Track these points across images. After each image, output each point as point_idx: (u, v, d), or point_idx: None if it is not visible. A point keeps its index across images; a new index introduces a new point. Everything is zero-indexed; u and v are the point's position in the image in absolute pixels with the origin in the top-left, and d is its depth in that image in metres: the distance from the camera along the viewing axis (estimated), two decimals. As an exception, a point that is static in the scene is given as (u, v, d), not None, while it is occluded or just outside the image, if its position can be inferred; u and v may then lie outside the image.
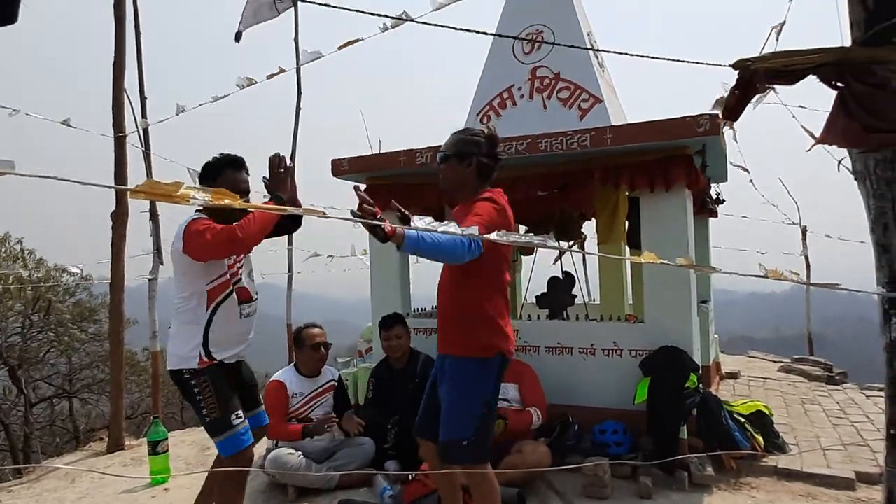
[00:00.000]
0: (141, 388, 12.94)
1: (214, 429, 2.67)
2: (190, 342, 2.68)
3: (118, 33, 5.10)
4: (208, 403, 2.65)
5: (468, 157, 2.55)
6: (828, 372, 6.69)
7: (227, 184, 2.73)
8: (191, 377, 2.67)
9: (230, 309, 2.75)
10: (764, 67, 1.43)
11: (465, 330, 2.54)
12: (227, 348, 2.76)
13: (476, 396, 2.52)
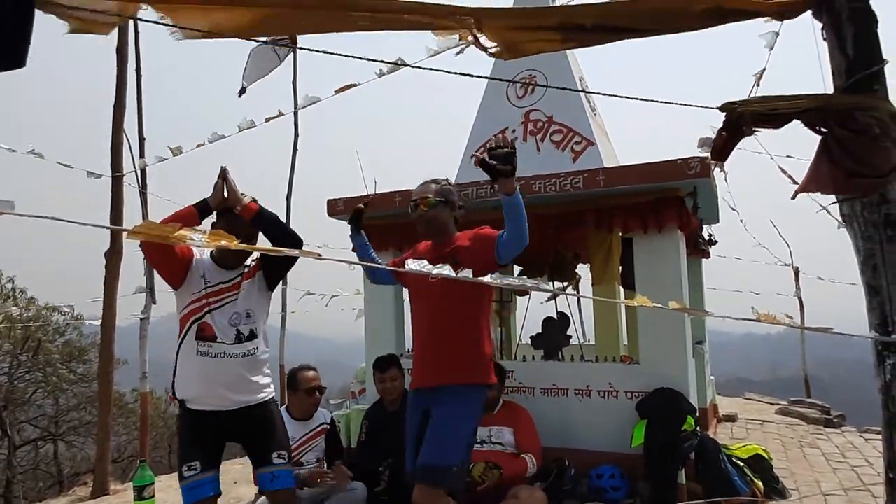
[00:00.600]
0: (128, 430, 12.70)
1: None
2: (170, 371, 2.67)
3: (119, 75, 5.19)
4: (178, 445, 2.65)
5: (451, 204, 2.88)
6: (825, 415, 6.63)
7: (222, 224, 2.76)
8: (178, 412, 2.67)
9: (188, 343, 2.66)
10: (750, 111, 1.47)
11: (473, 359, 2.70)
12: (189, 388, 2.66)
13: (470, 423, 2.65)
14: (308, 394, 3.86)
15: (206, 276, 2.69)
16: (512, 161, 2.39)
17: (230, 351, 2.71)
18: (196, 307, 2.66)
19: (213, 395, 2.67)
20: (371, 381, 4.34)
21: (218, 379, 2.67)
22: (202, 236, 0.92)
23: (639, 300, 1.28)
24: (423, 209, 2.80)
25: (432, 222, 2.83)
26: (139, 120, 5.64)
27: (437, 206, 2.81)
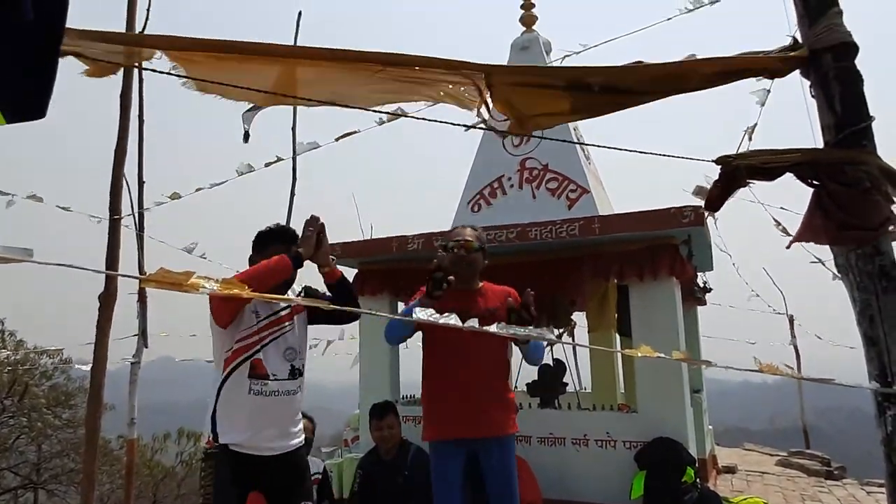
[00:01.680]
0: (112, 478, 12.32)
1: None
2: (207, 418, 2.48)
3: (122, 121, 5.27)
4: (206, 492, 2.48)
5: (485, 253, 2.97)
6: (826, 466, 6.52)
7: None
8: (202, 459, 2.51)
9: (238, 380, 2.46)
10: (746, 164, 1.52)
11: (512, 410, 2.86)
12: (234, 431, 2.43)
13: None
14: None
15: (258, 310, 2.53)
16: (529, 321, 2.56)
17: (284, 388, 2.53)
18: (248, 343, 2.49)
19: (263, 438, 2.46)
20: (365, 429, 4.26)
21: (271, 419, 2.49)
22: (215, 285, 0.92)
23: (642, 350, 1.28)
24: (465, 252, 2.86)
25: (472, 266, 2.90)
26: (139, 164, 5.70)
27: (479, 251, 2.91)
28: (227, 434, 2.42)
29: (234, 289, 0.94)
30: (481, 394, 2.76)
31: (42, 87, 0.95)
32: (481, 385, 2.78)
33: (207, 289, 0.91)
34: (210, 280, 0.91)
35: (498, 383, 2.83)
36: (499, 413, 2.78)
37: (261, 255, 2.57)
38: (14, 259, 0.85)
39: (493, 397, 2.78)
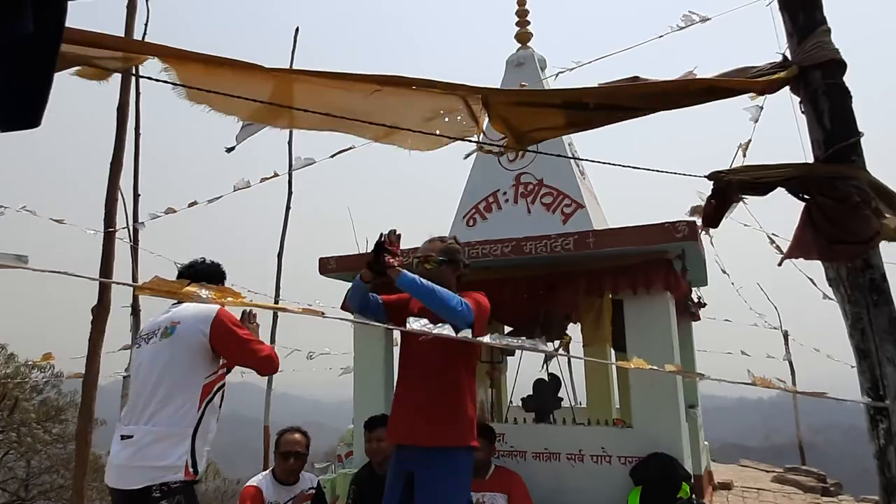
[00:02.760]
0: (102, 494, 12.13)
1: None
2: (175, 450, 2.30)
3: (119, 135, 5.28)
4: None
5: (456, 264, 2.83)
6: (822, 483, 6.50)
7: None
8: (162, 496, 2.24)
9: (213, 408, 2.47)
10: (737, 179, 1.53)
11: (458, 418, 2.61)
12: (204, 455, 2.41)
13: (463, 496, 2.58)
14: (282, 457, 3.74)
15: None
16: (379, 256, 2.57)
17: None
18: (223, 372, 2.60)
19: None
20: (359, 444, 4.23)
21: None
22: (209, 293, 0.92)
23: (635, 362, 1.29)
24: (426, 267, 2.77)
25: (434, 280, 2.70)
26: (135, 176, 5.71)
27: (440, 265, 2.78)
28: (202, 462, 2.39)
29: (227, 296, 0.94)
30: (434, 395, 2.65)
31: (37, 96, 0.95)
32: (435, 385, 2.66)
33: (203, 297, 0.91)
34: (204, 288, 0.92)
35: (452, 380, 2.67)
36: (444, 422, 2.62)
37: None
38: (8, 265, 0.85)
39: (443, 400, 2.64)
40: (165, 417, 2.34)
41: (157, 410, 2.35)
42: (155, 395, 2.37)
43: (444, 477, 2.54)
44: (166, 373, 2.41)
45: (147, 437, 2.32)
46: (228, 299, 0.95)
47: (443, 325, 1.20)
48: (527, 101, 1.69)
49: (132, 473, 2.29)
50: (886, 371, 1.47)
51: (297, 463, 3.78)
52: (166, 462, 2.28)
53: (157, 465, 2.28)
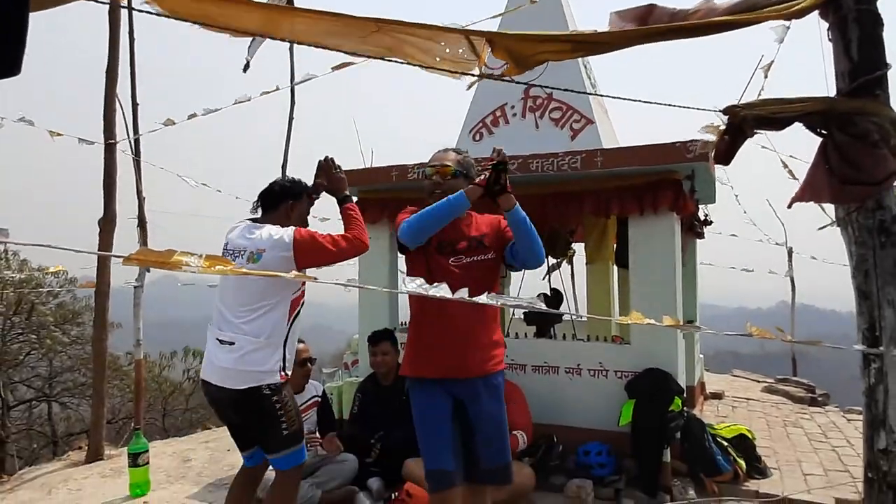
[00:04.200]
0: (123, 392, 12.78)
1: (289, 441, 2.68)
2: (272, 357, 2.64)
3: (112, 40, 5.07)
4: (290, 417, 2.66)
5: (470, 181, 2.61)
6: (810, 393, 6.76)
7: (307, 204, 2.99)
8: (272, 393, 2.61)
9: (301, 319, 2.80)
10: (752, 114, 1.46)
11: (500, 344, 2.64)
12: (291, 361, 2.77)
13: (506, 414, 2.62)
14: (299, 366, 3.89)
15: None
16: (501, 176, 2.37)
17: None
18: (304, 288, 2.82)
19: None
20: (365, 354, 4.38)
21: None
22: (199, 261, 0.91)
23: (633, 317, 1.29)
24: (441, 178, 2.62)
25: (448, 194, 2.56)
26: (132, 85, 5.54)
27: (457, 177, 2.62)
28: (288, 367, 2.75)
29: (218, 265, 0.93)
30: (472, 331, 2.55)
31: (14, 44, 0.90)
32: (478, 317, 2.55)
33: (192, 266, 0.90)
34: (193, 256, 0.90)
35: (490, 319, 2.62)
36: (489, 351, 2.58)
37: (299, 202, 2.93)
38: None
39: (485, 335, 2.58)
40: (262, 329, 2.65)
41: (254, 322, 2.65)
42: (251, 310, 2.66)
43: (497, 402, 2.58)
44: (259, 291, 2.66)
45: (249, 346, 2.63)
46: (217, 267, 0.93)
47: (438, 287, 1.19)
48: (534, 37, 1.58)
49: (238, 376, 2.62)
50: (885, 313, 1.47)
51: (310, 368, 3.96)
52: (266, 367, 2.63)
53: (259, 369, 2.61)
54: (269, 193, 2.92)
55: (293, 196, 2.91)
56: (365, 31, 1.38)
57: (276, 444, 2.68)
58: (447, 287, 1.18)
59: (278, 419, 2.63)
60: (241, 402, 2.63)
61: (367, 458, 3.89)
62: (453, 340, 2.54)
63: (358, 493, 3.69)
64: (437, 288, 1.19)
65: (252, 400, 2.61)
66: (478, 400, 2.53)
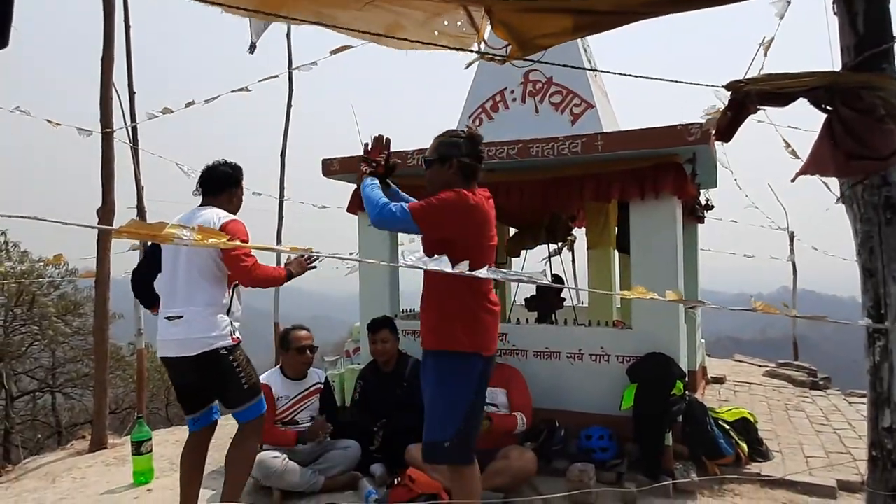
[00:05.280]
0: (126, 382, 12.84)
1: (249, 395, 2.93)
2: (221, 323, 2.87)
3: (107, 28, 5.02)
4: (247, 372, 2.92)
5: (448, 160, 2.62)
6: (812, 377, 6.76)
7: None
8: (228, 353, 2.86)
9: (241, 290, 3.03)
10: (756, 90, 1.44)
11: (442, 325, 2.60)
12: (237, 327, 2.97)
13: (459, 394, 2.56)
14: (299, 353, 3.90)
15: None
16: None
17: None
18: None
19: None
20: (366, 342, 4.38)
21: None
22: (191, 233, 0.90)
23: (636, 291, 1.27)
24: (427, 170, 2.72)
25: (429, 184, 2.72)
26: (129, 73, 5.50)
27: (430, 165, 2.68)
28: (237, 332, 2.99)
29: (211, 237, 0.91)
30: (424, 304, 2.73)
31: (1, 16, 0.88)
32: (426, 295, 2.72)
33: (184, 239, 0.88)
34: (185, 229, 0.89)
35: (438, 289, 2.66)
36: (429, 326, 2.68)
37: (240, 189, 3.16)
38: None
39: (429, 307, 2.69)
40: (209, 300, 2.87)
41: (197, 294, 2.86)
42: (192, 283, 2.87)
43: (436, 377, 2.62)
44: (197, 268, 2.88)
45: (196, 315, 2.85)
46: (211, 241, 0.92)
47: (439, 259, 1.18)
48: (532, 7, 1.55)
49: (193, 344, 2.83)
50: (891, 290, 1.45)
51: (312, 356, 3.97)
52: (216, 332, 2.85)
53: (210, 334, 2.84)
54: (211, 178, 3.07)
55: (236, 182, 3.11)
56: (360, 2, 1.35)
57: (238, 398, 2.93)
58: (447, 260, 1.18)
59: (237, 375, 2.88)
60: (202, 365, 2.85)
61: (371, 446, 3.90)
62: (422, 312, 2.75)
63: (361, 479, 3.70)
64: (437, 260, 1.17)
65: (210, 361, 2.83)
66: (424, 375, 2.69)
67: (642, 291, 1.28)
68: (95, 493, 3.99)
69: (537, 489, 3.58)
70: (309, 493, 3.62)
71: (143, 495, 3.93)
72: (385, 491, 3.54)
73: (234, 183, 3.11)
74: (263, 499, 3.63)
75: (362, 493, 3.56)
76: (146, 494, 3.94)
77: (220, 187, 3.06)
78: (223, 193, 3.06)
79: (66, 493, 4.02)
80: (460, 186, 2.59)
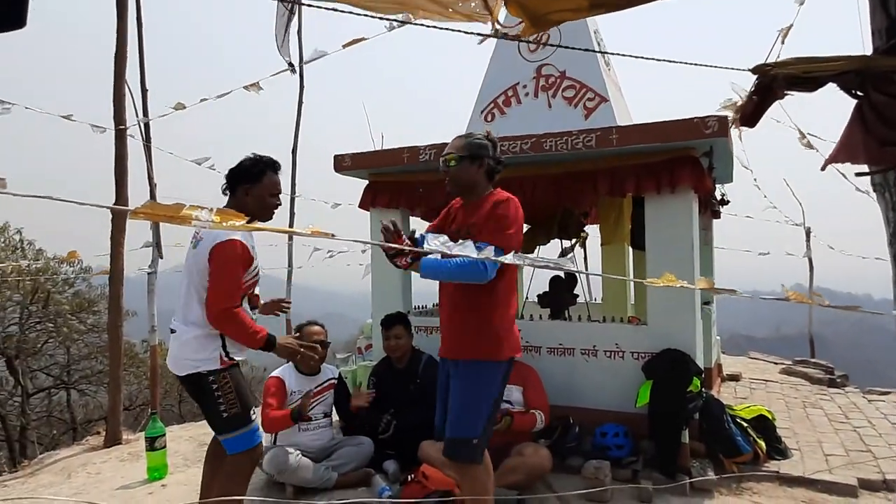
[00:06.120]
0: (139, 379, 12.91)
1: (232, 424, 2.65)
2: (209, 346, 2.66)
3: (120, 25, 5.03)
4: (228, 399, 2.64)
5: (479, 159, 2.70)
6: (829, 375, 6.67)
7: (269, 186, 2.80)
8: (211, 377, 2.64)
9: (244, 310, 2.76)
10: (784, 73, 1.39)
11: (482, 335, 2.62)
12: (239, 349, 2.76)
13: (488, 398, 2.62)
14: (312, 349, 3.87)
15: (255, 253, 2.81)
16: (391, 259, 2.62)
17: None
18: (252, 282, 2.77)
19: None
20: (378, 338, 4.36)
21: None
22: (209, 214, 0.87)
23: (665, 279, 1.24)
24: (447, 167, 2.71)
25: (455, 181, 2.73)
26: (141, 71, 5.50)
27: (461, 162, 2.68)
28: (236, 353, 2.75)
29: (230, 219, 0.88)
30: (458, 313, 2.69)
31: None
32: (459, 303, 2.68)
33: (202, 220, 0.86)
34: (203, 210, 0.86)
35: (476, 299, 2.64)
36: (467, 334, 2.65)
37: (256, 186, 2.76)
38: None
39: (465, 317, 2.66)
40: (197, 317, 2.66)
41: (190, 311, 2.68)
42: (188, 297, 2.69)
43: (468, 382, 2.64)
44: (193, 279, 2.69)
45: (186, 334, 2.68)
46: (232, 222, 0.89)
47: (464, 244, 1.14)
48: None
49: (180, 363, 2.68)
50: (924, 281, 1.41)
51: (325, 351, 3.93)
52: (203, 355, 2.65)
53: (196, 357, 2.65)
54: (228, 175, 2.82)
55: (247, 179, 2.77)
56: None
57: (218, 425, 2.70)
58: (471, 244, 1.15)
59: (215, 400, 2.64)
60: (187, 385, 2.74)
61: (382, 435, 3.86)
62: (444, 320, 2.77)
63: (374, 475, 3.68)
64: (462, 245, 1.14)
65: (192, 384, 2.68)
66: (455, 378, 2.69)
67: (671, 279, 1.24)
68: (110, 488, 4.01)
69: (552, 486, 3.55)
70: (322, 489, 3.61)
71: (158, 490, 3.94)
72: (398, 487, 3.52)
73: (246, 179, 2.76)
74: (277, 494, 3.63)
75: (375, 489, 3.55)
76: (160, 490, 3.95)
77: (233, 184, 2.80)
78: (237, 191, 2.79)
79: (82, 488, 4.04)
80: (484, 186, 2.74)
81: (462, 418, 2.60)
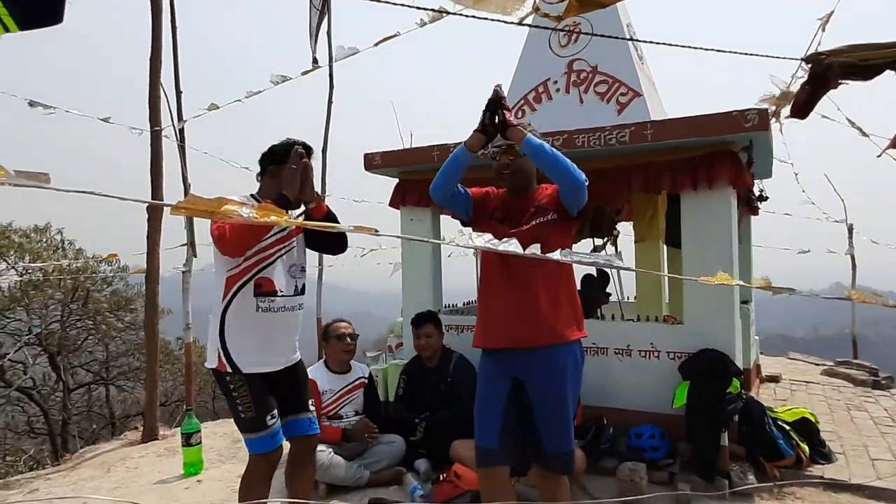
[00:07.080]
0: (175, 376, 13.19)
1: (247, 426, 2.55)
2: (214, 341, 2.55)
3: (155, 28, 5.12)
4: (244, 402, 2.52)
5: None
6: (873, 376, 6.43)
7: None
8: (227, 376, 2.53)
9: (243, 301, 2.53)
10: (839, 62, 1.32)
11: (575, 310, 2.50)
12: (246, 352, 2.53)
13: (575, 394, 2.46)
14: (339, 339, 3.88)
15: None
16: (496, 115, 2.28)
17: (290, 304, 2.65)
18: (257, 259, 2.54)
19: (272, 353, 2.61)
20: (409, 336, 4.35)
21: (278, 335, 2.62)
22: (250, 211, 0.85)
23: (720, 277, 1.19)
24: (510, 158, 2.44)
25: (518, 174, 2.50)
26: (175, 73, 5.59)
27: (523, 156, 2.41)
28: (238, 356, 2.53)
29: (272, 214, 0.87)
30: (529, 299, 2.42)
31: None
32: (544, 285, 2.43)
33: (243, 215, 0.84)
34: (246, 206, 0.85)
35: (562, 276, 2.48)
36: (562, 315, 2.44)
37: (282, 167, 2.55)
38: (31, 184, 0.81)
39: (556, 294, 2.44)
40: (213, 307, 2.58)
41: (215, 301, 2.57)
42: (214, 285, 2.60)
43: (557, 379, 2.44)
44: (215, 265, 2.62)
45: (210, 323, 2.59)
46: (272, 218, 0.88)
47: (508, 241, 1.11)
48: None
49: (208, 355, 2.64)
50: None
51: (353, 343, 3.93)
52: (210, 349, 2.59)
53: (211, 350, 2.59)
54: (260, 160, 2.72)
55: (273, 160, 2.64)
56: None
57: (237, 423, 2.61)
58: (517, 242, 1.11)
59: (234, 400, 2.53)
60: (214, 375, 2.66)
61: (413, 437, 3.86)
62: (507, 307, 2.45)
63: (406, 474, 3.68)
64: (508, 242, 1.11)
65: (214, 376, 2.63)
66: (533, 376, 2.41)
67: (726, 278, 1.19)
68: (148, 482, 4.08)
69: (585, 488, 3.49)
70: (354, 487, 3.61)
71: (194, 486, 3.99)
72: (430, 486, 3.50)
73: (270, 162, 2.66)
74: (309, 492, 3.64)
75: (407, 488, 3.54)
76: (196, 485, 4.01)
77: (261, 169, 2.70)
78: (264, 175, 2.69)
79: (121, 482, 4.13)
80: (534, 184, 2.60)
81: (566, 427, 2.40)
